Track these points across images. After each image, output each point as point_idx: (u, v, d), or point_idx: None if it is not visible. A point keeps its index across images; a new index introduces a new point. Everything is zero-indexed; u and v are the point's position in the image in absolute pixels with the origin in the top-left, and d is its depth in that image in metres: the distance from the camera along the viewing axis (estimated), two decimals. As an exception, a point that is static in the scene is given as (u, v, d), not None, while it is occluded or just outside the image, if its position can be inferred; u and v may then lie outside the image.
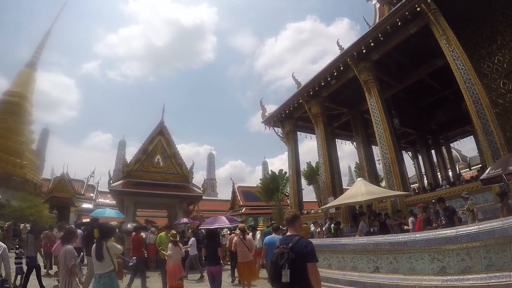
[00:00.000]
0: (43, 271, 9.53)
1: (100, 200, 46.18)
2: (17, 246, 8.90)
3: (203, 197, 29.04)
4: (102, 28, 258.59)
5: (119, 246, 5.13)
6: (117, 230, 13.44)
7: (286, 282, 3.08)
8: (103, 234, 5.04)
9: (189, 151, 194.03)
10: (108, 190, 41.98)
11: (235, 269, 9.92)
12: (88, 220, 25.30)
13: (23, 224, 16.04)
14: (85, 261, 8.60)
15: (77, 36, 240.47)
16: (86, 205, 42.06)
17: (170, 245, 7.90)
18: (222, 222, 15.73)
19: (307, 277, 3.16)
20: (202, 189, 27.02)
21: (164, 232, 9.83)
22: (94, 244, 5.00)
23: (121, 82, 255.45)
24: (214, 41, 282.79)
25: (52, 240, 10.66)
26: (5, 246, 5.83)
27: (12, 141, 37.11)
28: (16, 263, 8.43)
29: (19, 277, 8.38)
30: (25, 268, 8.38)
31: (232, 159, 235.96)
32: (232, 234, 10.52)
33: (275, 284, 3.26)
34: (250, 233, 11.10)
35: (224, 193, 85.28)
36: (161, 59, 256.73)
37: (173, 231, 8.66)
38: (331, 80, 15.56)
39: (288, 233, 3.53)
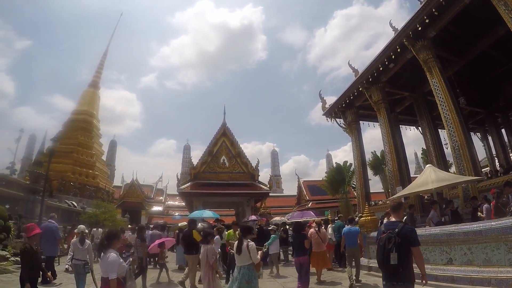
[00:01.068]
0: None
1: (169, 202, 49.17)
2: (124, 251, 9.88)
3: (269, 194, 29.50)
4: (154, 42, 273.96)
5: (257, 256, 5.69)
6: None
7: (394, 264, 3.49)
8: (244, 232, 5.99)
9: (251, 150, 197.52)
10: (176, 193, 44.58)
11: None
12: (161, 221, 27.15)
13: (94, 229, 17.44)
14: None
15: (132, 53, 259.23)
16: (156, 208, 45.32)
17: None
18: (309, 215, 15.91)
19: (409, 260, 3.61)
20: (268, 185, 27.49)
21: (232, 230, 10.20)
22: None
23: (179, 90, 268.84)
24: (264, 39, 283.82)
25: (124, 242, 11.66)
26: (89, 242, 7.91)
27: (84, 155, 41.04)
28: None
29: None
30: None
31: (295, 154, 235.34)
32: (307, 228, 10.79)
33: (383, 266, 3.71)
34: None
35: (289, 189, 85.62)
36: (214, 63, 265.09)
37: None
38: (389, 64, 14.88)
39: (392, 219, 3.99)
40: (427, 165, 12.23)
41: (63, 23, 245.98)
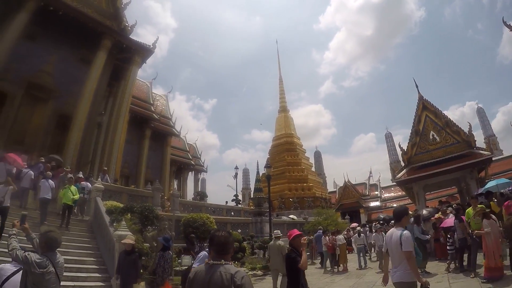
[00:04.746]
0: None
1: (385, 195, 48.53)
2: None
3: (492, 159, 25.14)
4: (315, 52, 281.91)
5: None
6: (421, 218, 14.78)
7: None
8: None
9: (452, 116, 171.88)
10: (389, 184, 44.86)
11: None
12: (383, 215, 28.93)
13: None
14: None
15: (301, 70, 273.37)
16: (373, 203, 45.83)
17: (484, 221, 7.36)
18: None
19: None
20: (488, 149, 23.80)
21: (471, 208, 8.85)
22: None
23: (358, 85, 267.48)
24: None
25: (332, 242, 13.49)
26: (364, 235, 14.05)
27: (295, 172, 47.52)
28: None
29: None
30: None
31: (502, 104, 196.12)
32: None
33: None
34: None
35: (506, 148, 73.27)
36: (379, 45, 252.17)
37: (478, 206, 8.34)
38: None
39: None
40: None
41: (233, 74, 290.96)
